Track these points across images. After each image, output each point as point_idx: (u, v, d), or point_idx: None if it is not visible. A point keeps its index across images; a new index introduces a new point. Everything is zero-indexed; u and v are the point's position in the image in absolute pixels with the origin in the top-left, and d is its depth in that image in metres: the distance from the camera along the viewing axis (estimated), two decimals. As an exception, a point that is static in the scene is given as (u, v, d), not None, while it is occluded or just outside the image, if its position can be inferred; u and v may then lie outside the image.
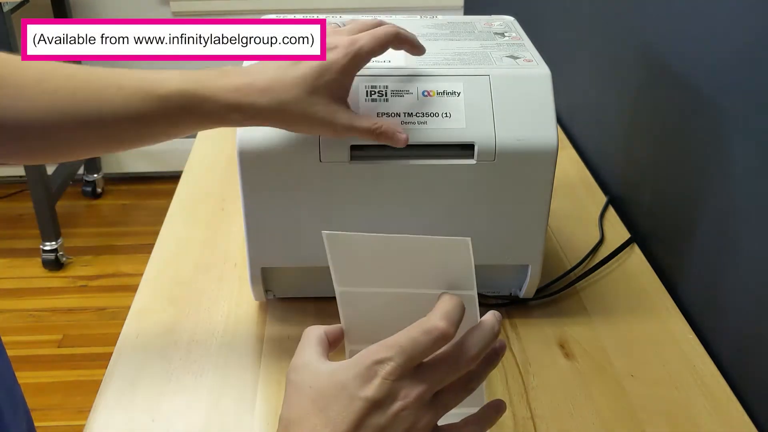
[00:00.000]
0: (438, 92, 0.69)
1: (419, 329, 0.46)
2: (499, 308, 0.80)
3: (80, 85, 0.59)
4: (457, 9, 2.21)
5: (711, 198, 0.78)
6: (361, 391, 0.44)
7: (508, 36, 0.81)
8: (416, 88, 0.69)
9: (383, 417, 0.44)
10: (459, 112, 0.69)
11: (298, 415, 0.46)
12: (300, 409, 0.46)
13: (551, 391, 0.70)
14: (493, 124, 0.70)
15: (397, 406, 0.45)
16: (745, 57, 0.71)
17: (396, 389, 0.45)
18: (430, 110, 0.69)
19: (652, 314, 0.81)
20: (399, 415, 0.45)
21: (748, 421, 0.67)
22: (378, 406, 0.44)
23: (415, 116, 0.68)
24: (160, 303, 0.79)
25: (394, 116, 0.68)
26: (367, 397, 0.44)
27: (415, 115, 0.68)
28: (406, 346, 0.45)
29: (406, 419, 0.45)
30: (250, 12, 2.34)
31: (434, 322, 0.46)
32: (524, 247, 0.76)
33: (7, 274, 2.25)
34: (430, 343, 0.46)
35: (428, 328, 0.46)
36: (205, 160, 1.11)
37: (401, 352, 0.45)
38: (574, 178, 1.08)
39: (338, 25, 0.66)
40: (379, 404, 0.44)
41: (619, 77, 1.03)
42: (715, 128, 0.77)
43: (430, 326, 0.46)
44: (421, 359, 0.46)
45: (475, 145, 0.68)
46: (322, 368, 0.47)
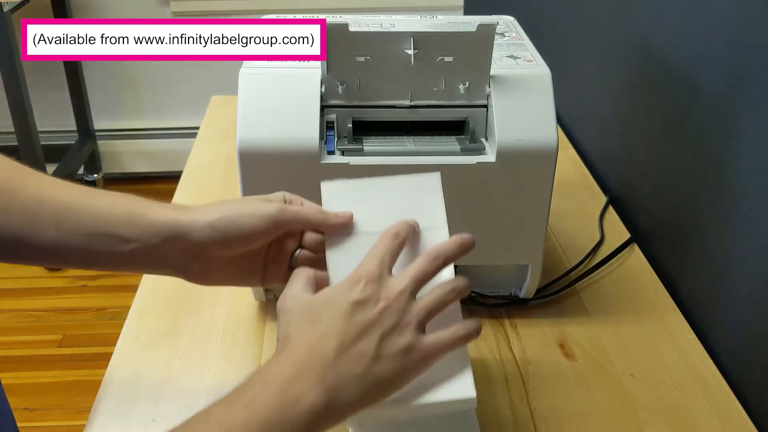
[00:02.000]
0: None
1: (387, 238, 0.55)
2: (499, 308, 0.80)
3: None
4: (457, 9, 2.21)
5: (711, 198, 0.78)
6: (347, 297, 0.51)
7: (508, 36, 0.81)
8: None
9: (370, 314, 0.50)
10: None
11: (294, 331, 0.50)
12: (295, 326, 0.51)
13: (551, 391, 0.70)
14: (494, 124, 0.70)
15: (381, 305, 0.50)
16: (745, 57, 0.71)
17: (378, 290, 0.51)
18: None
19: (652, 314, 0.81)
20: (384, 312, 0.50)
21: (748, 421, 0.67)
22: (363, 305, 0.50)
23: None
24: (160, 303, 0.79)
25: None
26: (353, 299, 0.50)
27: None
28: (381, 253, 0.53)
29: (391, 316, 0.50)
30: (250, 12, 2.34)
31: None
32: (524, 247, 0.76)
33: (7, 274, 2.25)
34: (397, 246, 0.54)
35: (394, 233, 0.55)
36: (205, 160, 1.11)
37: (377, 258, 0.53)
38: (574, 178, 1.08)
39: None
40: (364, 303, 0.50)
41: (619, 77, 1.03)
42: (715, 128, 0.77)
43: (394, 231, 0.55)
44: (393, 261, 0.54)
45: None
46: (310, 296, 0.53)
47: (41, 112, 2.18)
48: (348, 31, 0.68)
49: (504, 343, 0.76)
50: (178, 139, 2.53)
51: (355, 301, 0.50)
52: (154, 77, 2.49)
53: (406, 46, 0.69)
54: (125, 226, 0.55)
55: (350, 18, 0.72)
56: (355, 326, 0.50)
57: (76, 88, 2.39)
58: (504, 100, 0.70)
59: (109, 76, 2.48)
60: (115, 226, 0.55)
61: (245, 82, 0.71)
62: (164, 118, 2.57)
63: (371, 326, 0.50)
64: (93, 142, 2.51)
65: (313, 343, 0.49)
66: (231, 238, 0.55)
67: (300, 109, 0.69)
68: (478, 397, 0.53)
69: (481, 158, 0.70)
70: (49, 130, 2.41)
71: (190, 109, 2.49)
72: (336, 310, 0.50)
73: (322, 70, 0.70)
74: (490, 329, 0.78)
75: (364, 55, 0.69)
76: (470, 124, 0.72)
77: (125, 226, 0.55)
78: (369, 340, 0.49)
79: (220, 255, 0.57)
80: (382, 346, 0.49)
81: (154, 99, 2.55)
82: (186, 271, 0.57)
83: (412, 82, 0.71)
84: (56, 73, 2.35)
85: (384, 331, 0.50)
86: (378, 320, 0.50)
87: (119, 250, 0.55)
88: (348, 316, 0.50)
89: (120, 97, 2.54)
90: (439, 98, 0.72)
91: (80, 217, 0.55)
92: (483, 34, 0.68)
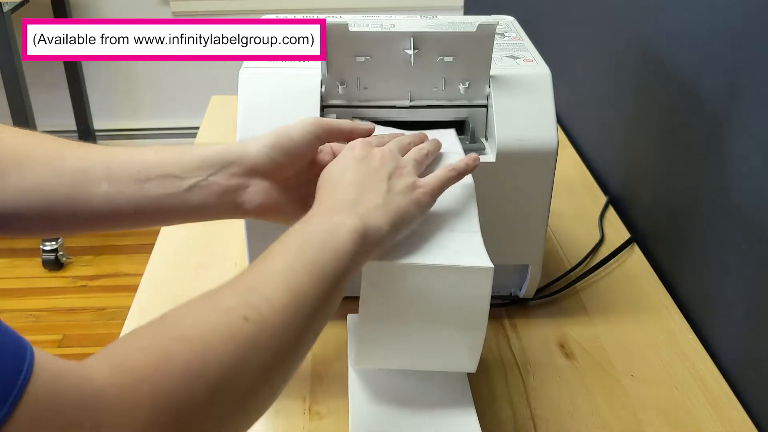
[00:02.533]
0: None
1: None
2: (499, 308, 0.80)
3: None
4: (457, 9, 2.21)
5: (711, 198, 0.78)
6: (349, 156, 0.59)
7: (508, 36, 0.81)
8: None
9: (372, 162, 0.59)
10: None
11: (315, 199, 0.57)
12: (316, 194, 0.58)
13: (551, 391, 0.70)
14: (494, 124, 0.70)
15: (378, 155, 0.60)
16: (745, 57, 0.71)
17: (371, 148, 0.60)
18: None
19: (652, 314, 0.81)
20: (383, 160, 0.59)
21: (748, 421, 0.67)
22: (364, 159, 0.59)
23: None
24: (160, 303, 0.79)
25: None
26: (354, 156, 0.59)
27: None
28: (386, 136, 0.64)
29: (390, 162, 0.59)
30: (250, 12, 2.34)
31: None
32: (524, 247, 0.76)
33: (7, 274, 2.25)
34: (406, 143, 0.63)
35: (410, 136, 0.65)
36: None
37: (378, 136, 0.63)
38: (574, 178, 1.08)
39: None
40: (364, 157, 0.59)
41: (619, 77, 1.03)
42: (714, 128, 0.77)
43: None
44: (387, 140, 0.63)
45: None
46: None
47: (41, 112, 2.18)
48: (348, 31, 0.68)
49: (504, 343, 0.76)
50: (178, 139, 2.53)
51: (356, 157, 0.59)
52: (154, 77, 2.49)
53: (406, 46, 0.69)
54: (176, 166, 0.57)
55: (350, 18, 0.72)
56: (364, 174, 0.58)
57: (76, 88, 2.39)
58: (504, 100, 0.70)
59: (109, 76, 2.48)
60: (166, 167, 0.57)
61: (245, 82, 0.71)
62: (164, 118, 2.57)
63: (376, 171, 0.58)
64: (93, 142, 2.51)
65: (334, 195, 0.56)
66: (285, 152, 0.59)
67: (300, 109, 0.69)
68: (477, 397, 0.53)
69: (481, 158, 0.70)
70: (49, 130, 2.39)
71: (190, 109, 2.49)
72: (343, 168, 0.58)
73: (322, 70, 0.70)
74: (491, 329, 0.78)
75: (364, 55, 0.69)
76: (470, 124, 0.72)
77: (176, 166, 0.57)
78: (379, 180, 0.57)
79: (274, 176, 0.59)
80: (391, 183, 0.58)
81: (154, 99, 2.55)
82: (241, 203, 0.59)
83: (412, 82, 0.71)
84: (56, 73, 2.35)
85: (389, 172, 0.58)
86: (381, 166, 0.59)
87: (174, 190, 0.56)
88: (355, 168, 0.58)
89: (120, 97, 2.54)
90: (439, 98, 0.72)
91: (130, 165, 0.57)
92: (483, 34, 0.68)
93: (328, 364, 0.72)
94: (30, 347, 0.36)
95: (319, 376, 0.71)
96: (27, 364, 0.35)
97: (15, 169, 0.54)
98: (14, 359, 0.35)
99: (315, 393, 0.69)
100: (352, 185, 0.56)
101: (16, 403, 0.33)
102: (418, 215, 0.58)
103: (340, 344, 0.72)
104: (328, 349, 0.73)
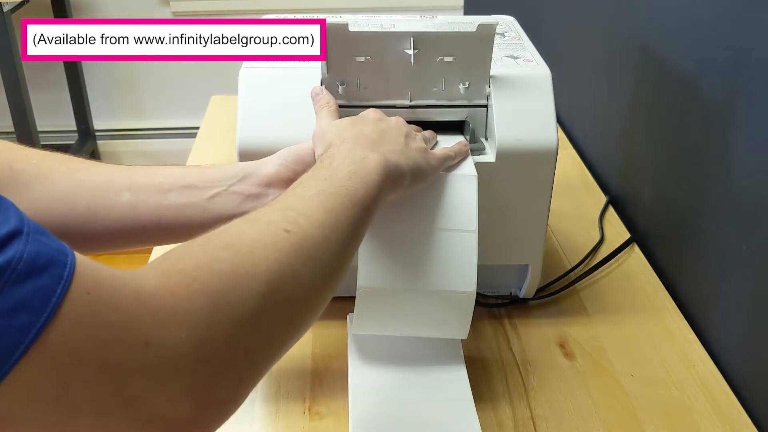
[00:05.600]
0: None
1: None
2: (499, 308, 0.80)
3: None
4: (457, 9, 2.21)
5: (711, 198, 0.78)
6: (365, 117, 0.63)
7: (508, 36, 0.81)
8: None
9: (389, 122, 0.63)
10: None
11: (336, 139, 0.59)
12: (335, 136, 0.60)
13: (551, 391, 0.70)
14: (494, 124, 0.70)
15: (393, 120, 0.64)
16: (745, 57, 0.71)
17: (383, 119, 0.64)
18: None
19: (651, 314, 0.81)
20: (398, 122, 0.63)
21: (748, 421, 0.67)
22: (381, 119, 0.63)
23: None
24: (160, 303, 0.79)
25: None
26: (372, 118, 0.63)
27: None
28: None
29: (404, 126, 0.63)
30: (250, 12, 2.34)
31: None
32: (524, 247, 0.76)
33: (7, 274, 2.24)
34: (411, 128, 0.65)
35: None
36: (205, 160, 1.11)
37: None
38: (574, 178, 1.08)
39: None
40: (381, 119, 0.63)
41: (619, 77, 1.03)
42: (714, 128, 0.77)
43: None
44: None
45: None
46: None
47: (41, 112, 2.17)
48: (348, 31, 0.68)
49: (504, 343, 0.76)
50: (178, 139, 2.53)
51: (374, 119, 0.63)
52: (154, 77, 2.49)
53: (406, 46, 0.69)
54: (198, 178, 0.59)
55: (350, 18, 0.72)
56: (383, 129, 0.61)
57: (76, 88, 2.39)
58: (504, 100, 0.70)
59: (109, 76, 2.48)
60: (188, 179, 0.59)
61: (245, 82, 0.71)
62: (164, 118, 2.56)
63: (394, 129, 0.62)
64: (93, 142, 2.51)
65: (356, 135, 0.59)
66: (299, 160, 0.62)
67: (300, 109, 0.69)
68: (478, 397, 0.54)
69: (481, 158, 0.70)
70: (49, 130, 2.41)
71: (190, 109, 2.49)
72: (365, 121, 0.62)
73: (322, 70, 0.70)
74: (490, 329, 0.78)
75: (364, 55, 0.69)
76: (470, 124, 0.72)
77: (198, 178, 0.59)
78: (398, 135, 0.61)
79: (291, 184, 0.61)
80: (407, 141, 0.61)
81: (154, 99, 2.54)
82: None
83: (412, 82, 0.71)
84: (56, 73, 2.35)
85: (405, 133, 0.62)
86: (397, 126, 0.63)
87: (196, 199, 0.58)
88: (375, 123, 0.62)
89: (120, 97, 2.54)
90: (439, 98, 0.72)
91: (153, 177, 0.59)
92: (483, 34, 0.68)
93: (328, 364, 0.72)
94: (72, 252, 0.36)
95: (319, 376, 0.71)
96: (69, 266, 0.35)
97: (39, 182, 0.56)
98: (59, 254, 0.35)
99: (315, 393, 0.69)
100: (373, 133, 0.60)
101: (62, 299, 0.33)
102: (429, 174, 0.62)
103: (340, 344, 0.72)
104: (328, 349, 0.73)
